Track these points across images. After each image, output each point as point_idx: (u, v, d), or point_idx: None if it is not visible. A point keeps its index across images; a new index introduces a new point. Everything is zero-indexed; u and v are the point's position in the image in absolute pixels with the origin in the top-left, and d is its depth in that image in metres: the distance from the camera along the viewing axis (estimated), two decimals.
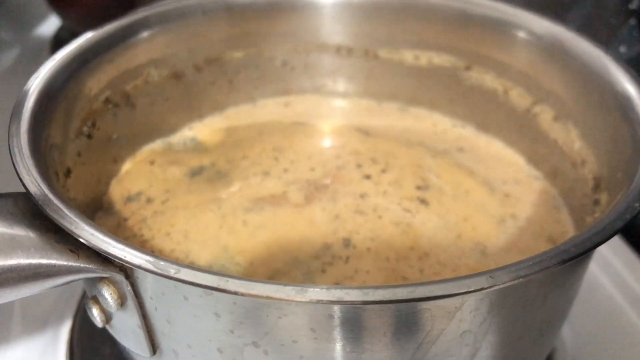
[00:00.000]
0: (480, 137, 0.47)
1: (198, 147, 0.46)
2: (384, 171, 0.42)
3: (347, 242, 0.37)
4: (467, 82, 0.46)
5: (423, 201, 0.39)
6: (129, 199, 0.41)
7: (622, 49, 0.51)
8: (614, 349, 0.44)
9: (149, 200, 0.40)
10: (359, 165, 0.43)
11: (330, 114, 0.50)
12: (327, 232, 0.38)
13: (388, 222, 0.38)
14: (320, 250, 0.36)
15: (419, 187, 0.41)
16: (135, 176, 0.43)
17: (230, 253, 0.36)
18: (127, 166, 0.43)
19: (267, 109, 0.49)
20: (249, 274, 0.35)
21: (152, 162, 0.44)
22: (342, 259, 0.36)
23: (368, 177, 0.42)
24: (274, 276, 0.34)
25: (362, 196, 0.40)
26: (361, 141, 0.46)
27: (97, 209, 0.40)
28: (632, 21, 0.50)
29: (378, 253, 0.36)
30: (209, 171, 0.43)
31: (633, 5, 0.50)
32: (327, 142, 0.46)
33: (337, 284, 0.33)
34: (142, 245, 0.37)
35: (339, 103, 0.50)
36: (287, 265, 0.35)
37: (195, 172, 0.43)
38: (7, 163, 0.30)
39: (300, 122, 0.48)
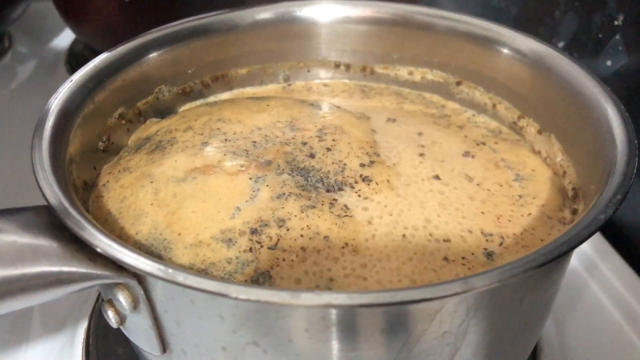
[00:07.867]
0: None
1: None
2: (329, 149, 0.40)
3: (281, 223, 0.35)
4: (458, 96, 0.48)
5: (365, 179, 0.38)
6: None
7: (609, 62, 0.53)
8: (600, 349, 0.46)
9: (93, 187, 0.39)
10: (304, 143, 0.40)
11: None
12: (263, 208, 0.35)
13: (327, 208, 0.36)
14: (250, 225, 0.35)
15: (362, 165, 0.39)
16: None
17: (158, 229, 0.35)
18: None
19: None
20: (175, 249, 0.34)
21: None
22: (272, 239, 0.34)
23: (312, 155, 0.39)
24: (198, 247, 0.34)
25: (304, 174, 0.38)
26: (313, 115, 0.43)
27: None
28: (618, 36, 0.52)
29: (311, 241, 0.34)
30: (151, 143, 0.42)
31: (619, 22, 0.52)
32: (277, 117, 0.43)
33: (266, 271, 0.33)
34: None
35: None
36: (212, 238, 0.34)
37: (140, 145, 0.42)
38: (29, 177, 0.32)
39: (256, 97, 0.48)
